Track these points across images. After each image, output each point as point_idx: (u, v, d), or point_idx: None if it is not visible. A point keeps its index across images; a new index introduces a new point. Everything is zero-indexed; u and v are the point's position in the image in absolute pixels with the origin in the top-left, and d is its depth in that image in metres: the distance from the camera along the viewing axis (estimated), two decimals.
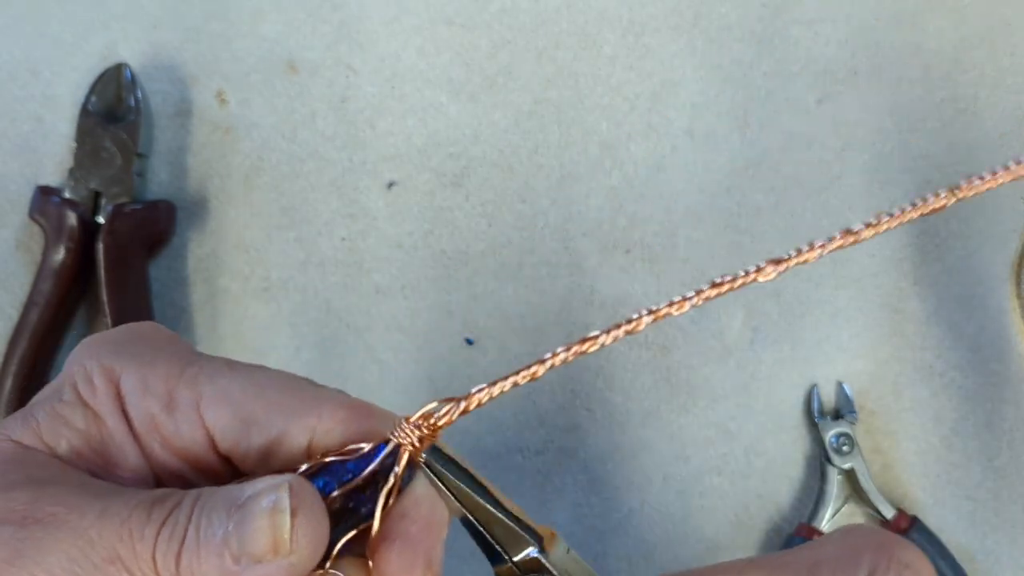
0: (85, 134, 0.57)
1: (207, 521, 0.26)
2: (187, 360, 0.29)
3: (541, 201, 0.60)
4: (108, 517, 0.26)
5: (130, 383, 0.28)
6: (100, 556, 0.25)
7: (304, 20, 0.60)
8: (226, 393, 0.28)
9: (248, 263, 0.59)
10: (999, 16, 0.62)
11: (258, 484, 0.27)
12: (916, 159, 0.61)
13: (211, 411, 0.28)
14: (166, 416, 0.28)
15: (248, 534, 0.26)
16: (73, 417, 0.28)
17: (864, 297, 0.60)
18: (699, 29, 0.61)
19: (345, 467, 0.28)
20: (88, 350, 0.29)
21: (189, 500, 0.26)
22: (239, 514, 0.26)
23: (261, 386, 0.28)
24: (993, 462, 0.59)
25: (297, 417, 0.28)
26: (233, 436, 0.28)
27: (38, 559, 0.25)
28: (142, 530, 0.26)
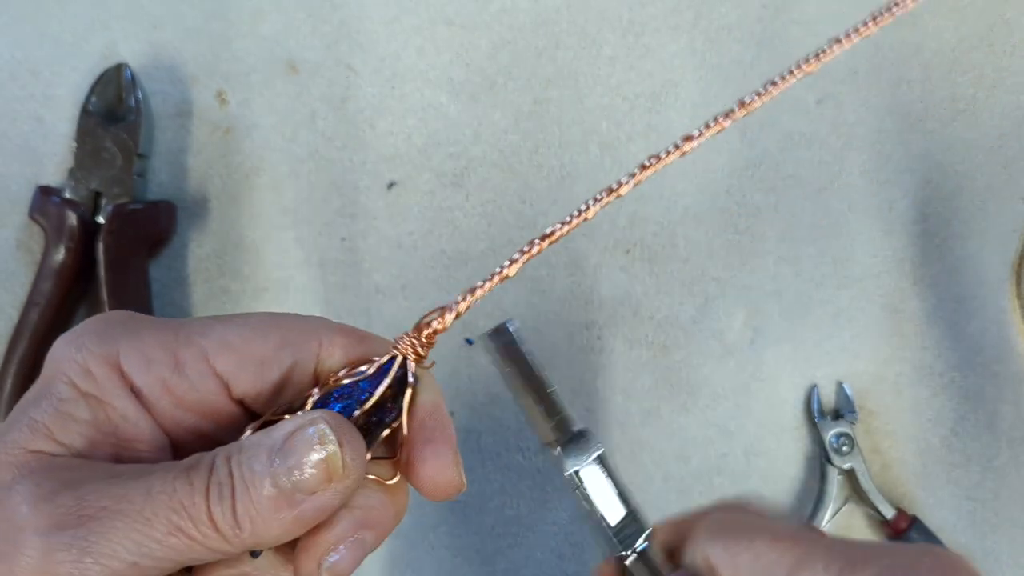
0: (85, 134, 0.57)
1: (250, 470, 0.27)
2: (174, 325, 0.30)
3: (541, 201, 0.60)
4: (155, 495, 0.27)
5: (131, 359, 0.29)
6: (161, 532, 0.27)
7: (304, 20, 0.60)
8: (227, 342, 0.29)
9: (248, 263, 0.59)
10: (998, 16, 0.62)
11: (287, 426, 0.28)
12: (916, 159, 0.61)
13: (220, 360, 0.29)
14: (177, 377, 0.29)
15: (301, 470, 0.27)
16: (78, 411, 0.29)
17: (865, 297, 0.60)
18: (699, 29, 0.61)
19: (358, 387, 0.30)
20: (71, 345, 0.29)
21: (222, 458, 0.28)
22: (285, 454, 0.27)
23: (257, 328, 0.30)
24: (993, 462, 0.59)
25: (301, 347, 0.30)
26: (247, 378, 0.30)
27: (107, 551, 0.26)
28: (192, 497, 0.27)
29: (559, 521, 0.57)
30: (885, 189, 0.61)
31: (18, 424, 0.28)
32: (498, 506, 0.57)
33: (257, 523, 0.27)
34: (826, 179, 0.61)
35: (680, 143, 0.31)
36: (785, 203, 0.60)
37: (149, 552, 0.27)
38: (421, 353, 0.31)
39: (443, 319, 0.31)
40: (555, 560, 0.57)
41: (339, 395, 0.31)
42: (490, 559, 0.57)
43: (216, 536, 0.27)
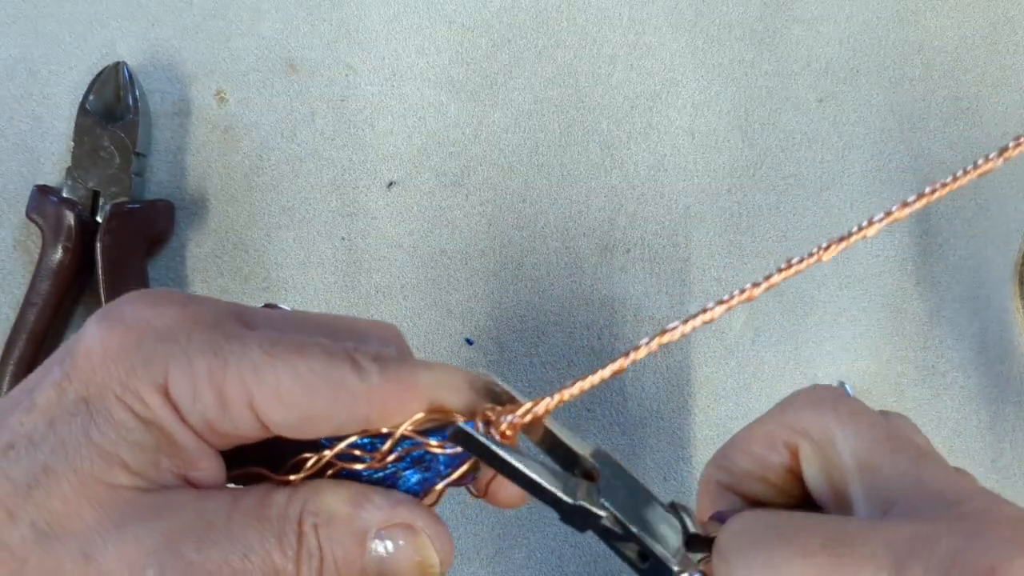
0: (83, 133, 0.57)
1: (341, 550, 0.28)
2: (220, 344, 0.28)
3: (541, 201, 0.60)
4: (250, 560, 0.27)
5: (180, 390, 0.28)
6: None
7: (303, 19, 0.60)
8: (276, 391, 0.28)
9: (248, 263, 0.58)
10: (1001, 14, 0.62)
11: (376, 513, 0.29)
12: (917, 158, 0.61)
13: (266, 410, 0.28)
14: (222, 416, 0.28)
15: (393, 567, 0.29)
16: (143, 438, 0.28)
17: (867, 297, 0.60)
18: (699, 28, 0.61)
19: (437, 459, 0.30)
20: (118, 363, 0.28)
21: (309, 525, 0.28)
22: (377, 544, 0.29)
23: (307, 382, 0.28)
24: (996, 463, 0.59)
25: (351, 414, 0.29)
26: (288, 429, 0.29)
27: None
28: (285, 566, 0.28)
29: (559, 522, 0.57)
30: (887, 188, 0.61)
31: (81, 447, 0.27)
32: None
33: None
34: (827, 178, 0.61)
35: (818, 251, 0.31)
36: (786, 203, 0.60)
37: None
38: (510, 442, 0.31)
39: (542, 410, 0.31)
40: (555, 561, 0.56)
41: (417, 458, 0.30)
42: (491, 560, 0.56)
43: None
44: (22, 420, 0.27)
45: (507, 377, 0.57)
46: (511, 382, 0.58)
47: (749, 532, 0.30)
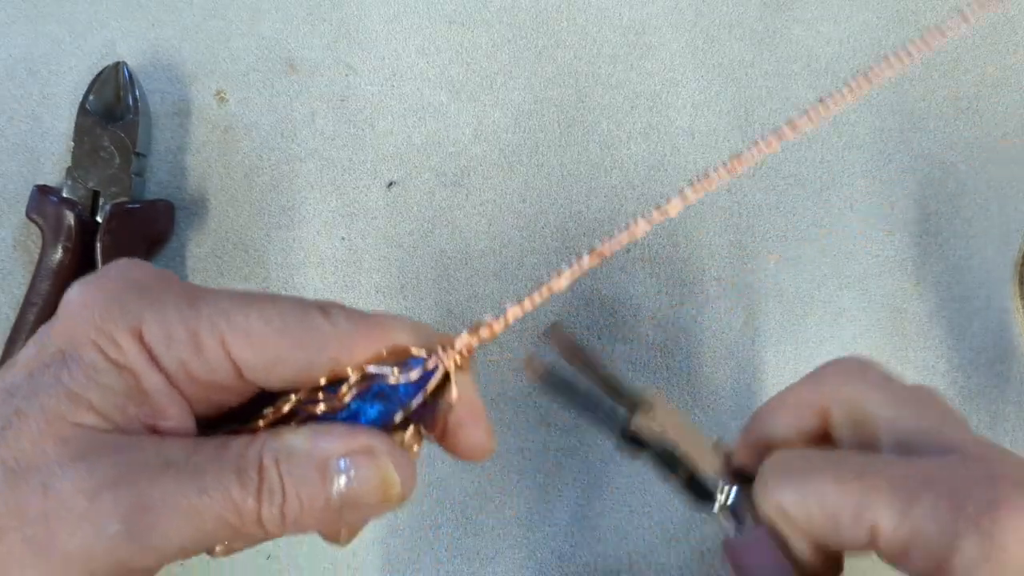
0: (83, 133, 0.57)
1: (301, 481, 0.29)
2: (195, 296, 0.30)
3: (541, 201, 0.60)
4: (210, 493, 0.28)
5: (154, 334, 0.29)
6: (211, 525, 0.28)
7: (303, 19, 0.60)
8: (247, 332, 0.29)
9: (248, 263, 0.58)
10: (1001, 15, 0.62)
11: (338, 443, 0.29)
12: (917, 158, 0.61)
13: (236, 348, 0.29)
14: (196, 359, 0.29)
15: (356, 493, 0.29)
16: (112, 381, 0.29)
17: (866, 297, 0.60)
18: (699, 28, 0.61)
19: (397, 390, 0.31)
20: (94, 308, 0.29)
21: (270, 459, 0.29)
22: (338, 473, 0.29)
23: (277, 325, 0.29)
24: None
25: (319, 352, 0.30)
26: (261, 371, 0.30)
27: (160, 541, 0.27)
28: (245, 500, 0.28)
29: (559, 522, 0.57)
30: (887, 188, 0.61)
31: (50, 389, 0.28)
32: (498, 506, 0.57)
33: (301, 524, 0.29)
34: (827, 178, 0.61)
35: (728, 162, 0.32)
36: (786, 202, 0.60)
37: (197, 540, 0.28)
38: (461, 365, 0.32)
39: (491, 331, 0.32)
40: (555, 561, 0.56)
41: (377, 392, 0.31)
42: (490, 560, 0.56)
43: (259, 531, 0.29)
44: (3, 376, 0.29)
45: (507, 378, 0.57)
46: (512, 383, 0.58)
47: (789, 462, 0.32)
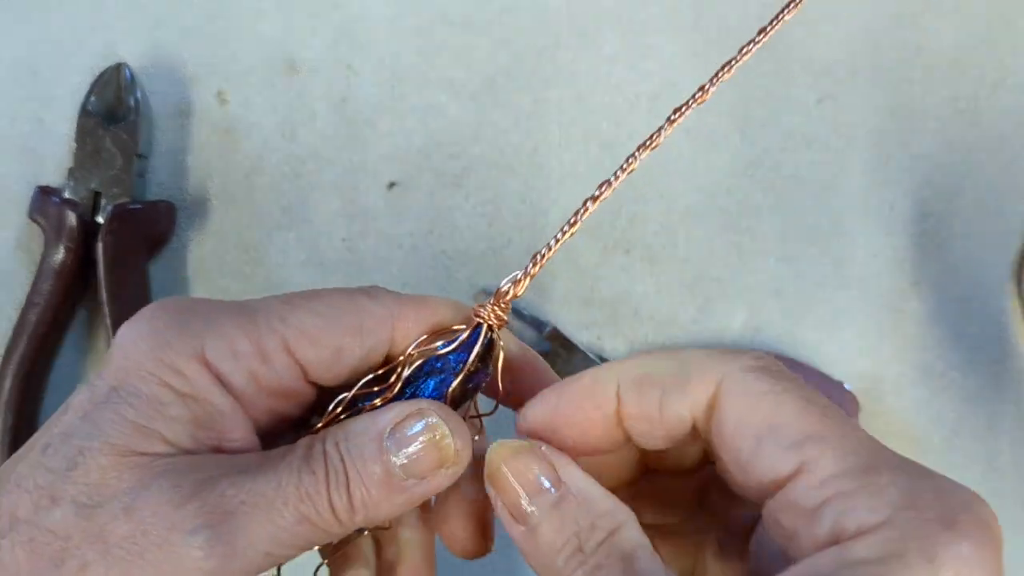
0: (85, 134, 0.57)
1: (360, 457, 0.29)
2: (249, 310, 0.30)
3: (541, 201, 0.60)
4: (284, 487, 0.28)
5: (217, 353, 0.29)
6: (290, 521, 0.28)
7: (304, 20, 0.60)
8: (304, 331, 0.30)
9: (248, 263, 0.58)
10: (999, 16, 0.62)
11: (392, 413, 0.30)
12: (916, 159, 0.61)
13: (300, 349, 0.30)
14: (264, 368, 0.30)
15: (413, 458, 0.29)
16: (179, 411, 0.29)
17: (865, 297, 0.60)
18: (699, 29, 0.61)
19: (447, 359, 0.32)
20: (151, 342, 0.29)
21: (331, 444, 0.29)
22: (396, 442, 0.29)
23: (331, 316, 0.30)
24: (994, 462, 0.59)
25: (377, 332, 0.31)
26: (324, 366, 0.31)
27: (247, 544, 0.28)
28: (316, 487, 0.29)
29: None
30: (886, 189, 0.61)
31: (114, 425, 0.28)
32: None
33: (370, 507, 0.29)
34: (827, 179, 0.61)
35: None
36: (785, 203, 0.60)
37: (280, 541, 0.28)
38: (504, 318, 0.32)
39: (520, 284, 0.32)
40: None
41: (429, 370, 0.32)
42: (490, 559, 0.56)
43: (333, 521, 0.29)
44: (58, 422, 0.29)
45: None
46: None
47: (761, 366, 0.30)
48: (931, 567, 0.24)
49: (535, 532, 0.29)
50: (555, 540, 0.28)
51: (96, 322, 0.58)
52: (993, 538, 0.25)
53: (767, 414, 0.27)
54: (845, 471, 0.26)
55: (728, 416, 0.28)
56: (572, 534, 0.28)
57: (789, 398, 0.27)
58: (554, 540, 0.28)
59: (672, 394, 0.29)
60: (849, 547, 0.24)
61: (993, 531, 0.25)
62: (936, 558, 0.24)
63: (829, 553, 0.25)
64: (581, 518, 0.28)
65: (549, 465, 0.29)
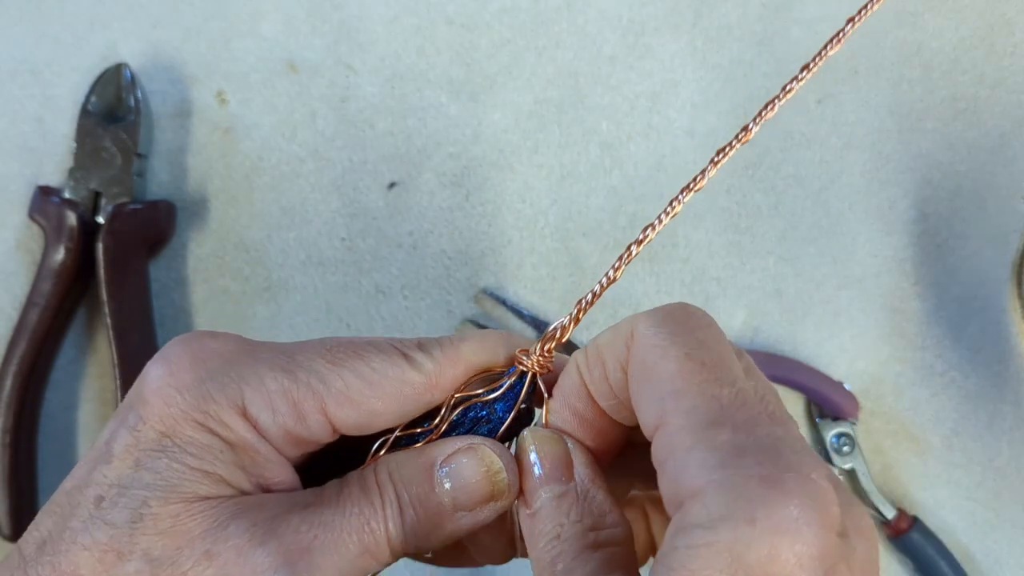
0: (85, 134, 0.57)
1: (410, 482, 0.30)
2: (287, 361, 0.30)
3: (541, 201, 0.60)
4: (348, 519, 0.29)
5: (257, 407, 0.30)
6: (354, 553, 0.29)
7: (304, 20, 0.60)
8: (344, 395, 0.30)
9: (248, 263, 0.59)
10: (999, 15, 0.62)
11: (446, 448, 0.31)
12: (916, 159, 0.61)
13: (337, 414, 0.30)
14: (300, 427, 0.30)
15: (466, 490, 0.30)
16: (232, 458, 0.30)
17: (865, 297, 0.60)
18: (699, 29, 0.61)
19: (493, 408, 0.32)
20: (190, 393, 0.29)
21: (384, 476, 0.31)
22: (447, 474, 0.30)
23: (371, 381, 0.31)
24: (993, 462, 0.59)
25: (416, 405, 0.32)
26: (356, 427, 0.31)
27: None
28: (375, 517, 0.30)
29: None
30: (885, 189, 0.61)
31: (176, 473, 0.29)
32: None
33: (421, 537, 0.30)
34: (826, 179, 0.61)
35: None
36: (785, 203, 0.60)
37: (345, 572, 0.29)
38: (548, 367, 0.32)
39: (567, 331, 0.32)
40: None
41: (475, 417, 0.32)
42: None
43: (387, 550, 0.30)
44: (104, 473, 0.29)
45: None
46: None
47: None
48: (751, 529, 0.23)
49: (536, 516, 0.29)
50: (546, 525, 0.29)
51: (96, 322, 0.58)
52: (825, 498, 0.24)
53: (650, 367, 0.28)
54: (688, 426, 0.26)
55: (632, 365, 0.29)
56: (558, 523, 0.29)
57: (673, 352, 0.27)
58: (545, 525, 0.29)
59: (608, 358, 0.30)
60: (686, 510, 0.24)
61: (825, 491, 0.24)
62: (757, 520, 0.23)
63: (674, 519, 0.25)
64: (573, 513, 0.29)
65: (568, 458, 0.30)
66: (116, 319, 0.55)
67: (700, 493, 0.24)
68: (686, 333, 0.28)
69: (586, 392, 0.31)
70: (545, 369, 0.32)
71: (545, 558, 0.28)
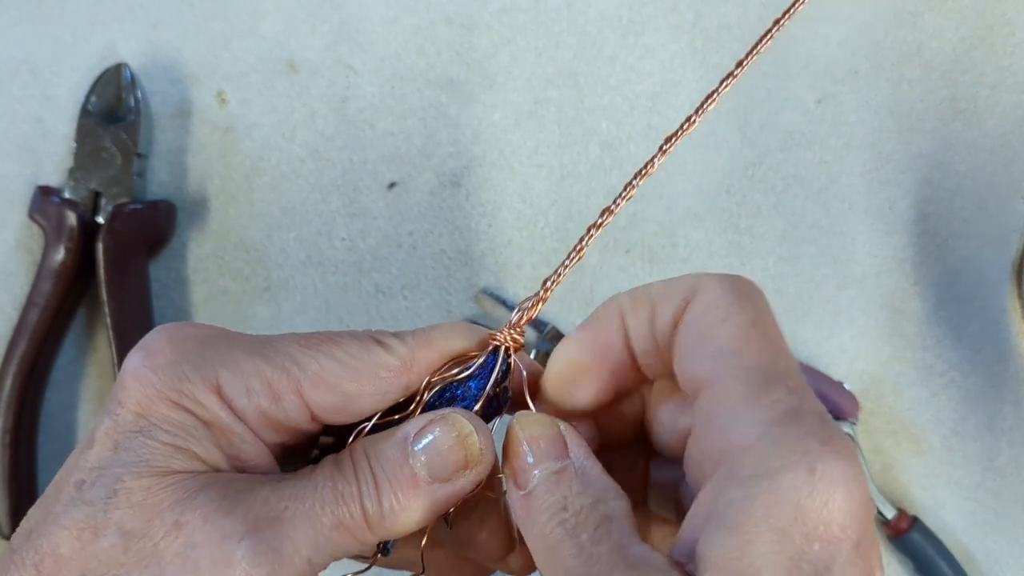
0: (85, 134, 0.57)
1: (388, 462, 0.30)
2: (266, 350, 0.31)
3: (541, 201, 0.60)
4: (320, 492, 0.29)
5: (232, 388, 0.30)
6: (328, 526, 0.29)
7: (304, 20, 0.60)
8: (319, 377, 0.31)
9: (248, 263, 0.59)
10: (999, 15, 0.62)
11: (417, 421, 0.31)
12: (916, 159, 0.61)
13: (313, 396, 0.31)
14: (275, 407, 0.30)
15: (439, 457, 0.30)
16: (207, 436, 0.30)
17: (865, 298, 0.60)
18: (699, 29, 0.61)
19: (467, 386, 0.32)
20: (169, 373, 0.30)
21: (359, 452, 0.30)
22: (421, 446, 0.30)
23: (345, 364, 0.31)
24: (993, 462, 0.59)
25: (390, 384, 0.32)
26: (334, 411, 0.31)
27: (291, 550, 0.28)
28: (350, 491, 0.30)
29: None
30: (885, 189, 0.61)
31: (149, 450, 0.29)
32: None
33: (398, 511, 0.30)
34: (826, 179, 0.61)
35: None
36: (785, 203, 0.60)
37: (319, 548, 0.29)
38: (521, 341, 0.33)
39: (534, 309, 0.33)
40: None
41: (450, 397, 0.32)
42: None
43: (365, 527, 0.30)
44: (86, 458, 0.29)
45: None
46: None
47: None
48: (811, 478, 0.25)
49: (531, 495, 0.29)
50: (546, 500, 0.29)
51: (96, 322, 0.58)
52: (857, 461, 0.26)
53: (711, 325, 0.29)
54: (744, 384, 0.27)
55: (687, 320, 0.29)
56: (561, 496, 0.29)
57: (738, 317, 0.29)
58: (545, 500, 0.29)
59: (660, 306, 0.30)
60: (739, 461, 0.26)
61: (856, 456, 0.27)
62: (815, 471, 0.25)
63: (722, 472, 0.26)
64: (575, 486, 0.29)
65: (561, 437, 0.30)
66: (116, 319, 0.55)
67: (753, 447, 0.26)
68: (750, 303, 0.29)
69: (622, 330, 0.31)
70: (518, 343, 0.33)
71: (555, 533, 0.28)
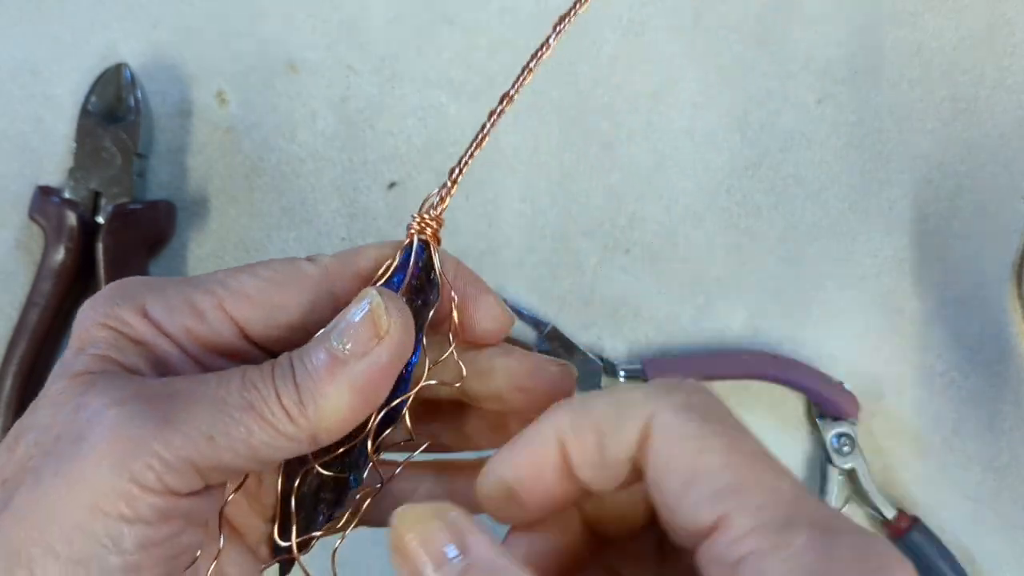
0: (85, 134, 0.57)
1: (307, 354, 0.30)
2: (188, 279, 0.32)
3: (541, 201, 0.60)
4: (227, 378, 0.29)
5: (156, 309, 0.31)
6: (235, 408, 0.29)
7: (304, 20, 0.60)
8: (241, 291, 0.31)
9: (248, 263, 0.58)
10: (999, 15, 0.62)
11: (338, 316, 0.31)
12: (916, 159, 0.61)
13: (237, 310, 0.31)
14: (199, 324, 0.31)
15: (348, 329, 0.30)
16: (134, 351, 0.30)
17: (865, 297, 0.60)
18: (699, 29, 0.61)
19: (391, 282, 0.33)
20: (103, 303, 0.31)
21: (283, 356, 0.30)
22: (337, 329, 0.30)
23: (266, 278, 0.32)
24: (993, 462, 0.59)
25: (313, 291, 0.32)
26: (261, 323, 0.32)
27: (187, 421, 0.28)
28: (261, 377, 0.29)
29: None
30: (885, 189, 0.61)
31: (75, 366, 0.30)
32: None
33: (316, 395, 0.29)
34: (826, 179, 0.61)
35: None
36: (785, 203, 0.60)
37: (224, 428, 0.28)
38: (435, 226, 0.33)
39: (442, 201, 0.33)
40: None
41: None
42: None
43: (283, 414, 0.29)
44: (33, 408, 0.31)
45: None
46: None
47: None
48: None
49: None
50: None
51: None
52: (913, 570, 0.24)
53: (691, 459, 0.26)
54: (761, 527, 0.25)
55: (657, 458, 0.27)
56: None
57: (716, 442, 0.26)
58: None
59: (608, 435, 0.28)
60: None
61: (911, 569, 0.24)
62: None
63: None
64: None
65: (456, 533, 0.26)
66: None
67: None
68: (717, 421, 0.27)
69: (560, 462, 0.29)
70: (432, 229, 0.33)
71: None
